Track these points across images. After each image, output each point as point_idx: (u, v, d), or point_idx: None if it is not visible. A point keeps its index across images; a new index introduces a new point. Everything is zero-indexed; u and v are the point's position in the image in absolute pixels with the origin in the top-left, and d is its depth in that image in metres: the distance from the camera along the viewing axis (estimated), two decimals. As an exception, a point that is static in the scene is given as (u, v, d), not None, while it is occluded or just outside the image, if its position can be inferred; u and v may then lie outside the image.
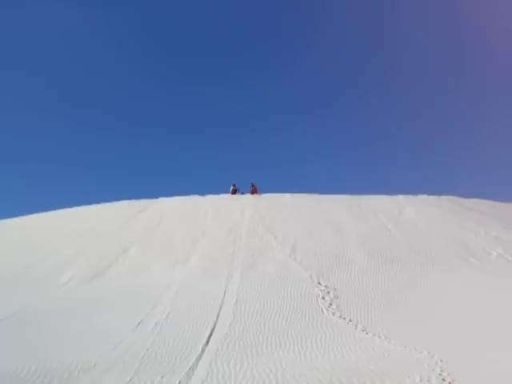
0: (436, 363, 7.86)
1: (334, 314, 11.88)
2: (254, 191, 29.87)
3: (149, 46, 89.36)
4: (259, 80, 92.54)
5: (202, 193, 29.48)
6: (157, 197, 29.66)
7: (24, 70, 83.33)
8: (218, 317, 12.01)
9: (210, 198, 28.51)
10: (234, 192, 25.83)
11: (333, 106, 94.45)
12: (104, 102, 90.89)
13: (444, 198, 27.02)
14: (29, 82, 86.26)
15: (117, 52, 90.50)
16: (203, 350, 9.68)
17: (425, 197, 27.14)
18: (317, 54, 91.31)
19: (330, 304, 12.68)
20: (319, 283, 14.62)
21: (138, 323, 11.82)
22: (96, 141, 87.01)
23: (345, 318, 11.49)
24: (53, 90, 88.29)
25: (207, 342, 10.24)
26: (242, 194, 29.60)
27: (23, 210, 48.49)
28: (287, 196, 27.78)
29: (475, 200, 26.61)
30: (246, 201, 26.98)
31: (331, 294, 13.52)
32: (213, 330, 11.05)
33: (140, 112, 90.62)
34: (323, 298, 13.23)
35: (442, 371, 7.44)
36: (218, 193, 29.42)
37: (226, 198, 27.87)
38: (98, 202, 30.12)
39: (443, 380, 7.06)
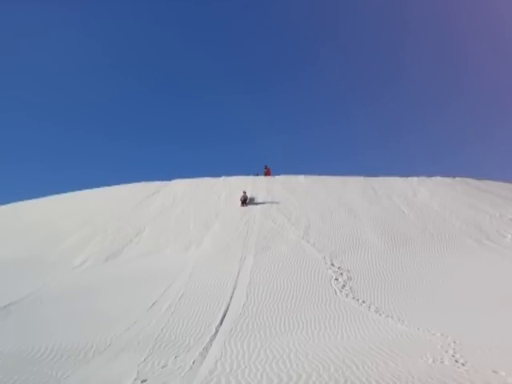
0: (449, 345, 7.83)
1: (347, 295, 11.89)
2: (267, 173, 29.88)
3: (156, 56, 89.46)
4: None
5: (216, 174, 29.54)
6: (170, 179, 29.86)
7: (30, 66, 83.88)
8: (231, 298, 12.11)
9: (223, 179, 28.54)
10: (244, 201, 23.43)
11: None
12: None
13: (458, 179, 26.70)
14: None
15: (122, 57, 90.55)
16: (217, 331, 9.77)
17: (439, 178, 26.87)
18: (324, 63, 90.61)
19: (344, 285, 12.69)
20: (332, 265, 14.62)
21: (153, 304, 11.96)
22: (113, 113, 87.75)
23: (358, 300, 11.49)
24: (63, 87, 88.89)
25: (221, 322, 10.34)
26: (257, 175, 29.51)
27: (38, 192, 49.12)
28: (301, 178, 27.69)
29: (490, 182, 26.22)
30: (259, 182, 26.96)
31: (344, 276, 13.52)
32: (226, 310, 11.14)
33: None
34: (336, 279, 13.24)
35: (455, 353, 7.41)
36: (231, 174, 29.39)
37: (239, 180, 27.80)
38: (111, 184, 30.41)
39: (456, 361, 7.02)
